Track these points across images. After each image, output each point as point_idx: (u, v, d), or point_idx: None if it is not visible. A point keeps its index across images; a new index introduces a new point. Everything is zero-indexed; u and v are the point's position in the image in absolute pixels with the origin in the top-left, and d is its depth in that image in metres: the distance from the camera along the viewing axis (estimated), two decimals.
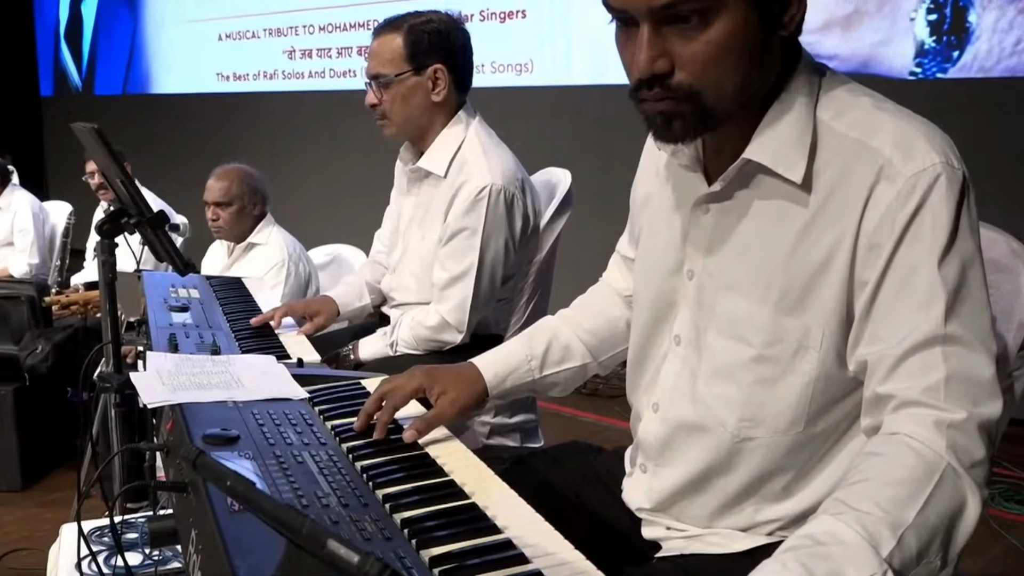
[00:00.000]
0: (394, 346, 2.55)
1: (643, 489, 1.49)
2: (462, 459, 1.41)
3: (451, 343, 2.52)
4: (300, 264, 3.57)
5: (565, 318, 1.73)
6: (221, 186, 3.60)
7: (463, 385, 1.59)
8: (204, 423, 1.43)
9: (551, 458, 1.70)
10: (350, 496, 1.23)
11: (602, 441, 1.79)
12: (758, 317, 1.30)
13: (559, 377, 1.69)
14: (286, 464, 1.31)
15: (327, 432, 1.48)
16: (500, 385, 1.64)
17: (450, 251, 2.48)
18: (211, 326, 2.28)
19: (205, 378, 1.68)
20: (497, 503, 1.24)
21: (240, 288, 2.79)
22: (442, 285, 2.50)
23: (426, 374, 1.58)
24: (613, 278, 1.75)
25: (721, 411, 1.36)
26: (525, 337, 1.70)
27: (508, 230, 2.48)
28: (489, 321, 2.63)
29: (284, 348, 2.16)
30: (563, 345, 1.69)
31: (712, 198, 1.35)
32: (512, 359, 1.66)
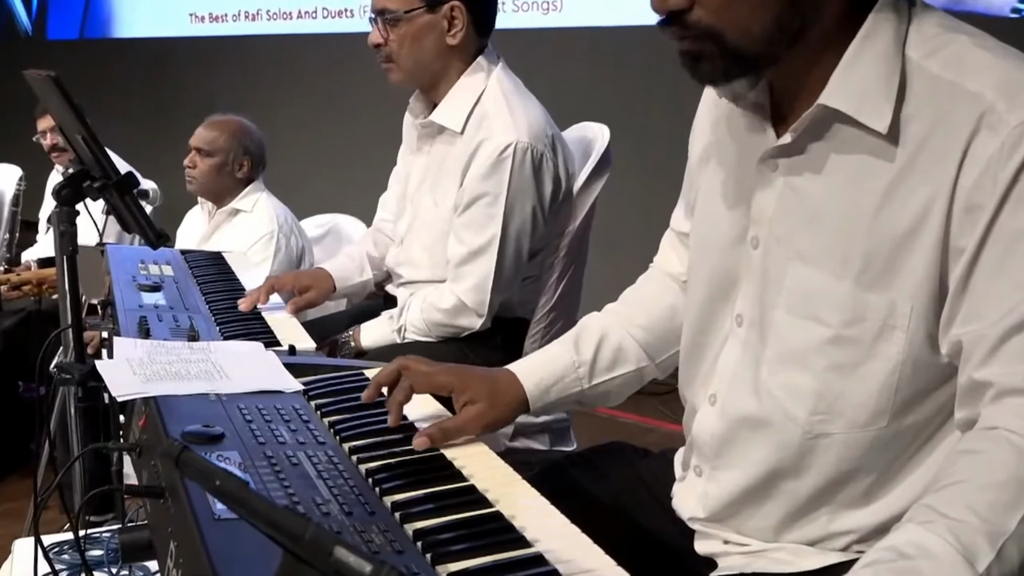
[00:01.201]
0: (402, 332, 2.56)
1: (697, 496, 1.49)
2: (484, 461, 1.42)
3: (469, 329, 2.53)
4: (292, 237, 3.59)
5: (614, 314, 1.73)
6: (209, 135, 3.64)
7: (497, 398, 1.59)
8: (183, 419, 1.44)
9: (588, 461, 1.70)
10: (354, 503, 1.24)
11: (644, 445, 1.80)
12: (835, 292, 1.30)
13: (611, 385, 1.69)
14: (279, 466, 1.32)
15: (325, 429, 1.49)
16: (543, 397, 1.65)
17: (468, 220, 2.49)
18: (187, 308, 2.30)
19: (183, 367, 1.70)
20: (525, 512, 1.25)
21: (221, 264, 2.82)
22: (458, 261, 2.51)
23: (458, 375, 1.59)
24: (667, 261, 1.74)
25: (790, 403, 1.36)
26: (569, 340, 1.70)
27: (536, 195, 2.49)
28: (513, 303, 2.63)
29: (273, 333, 2.18)
30: (614, 347, 1.69)
31: (781, 152, 1.35)
32: (556, 366, 1.67)
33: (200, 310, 2.30)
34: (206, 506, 1.14)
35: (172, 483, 1.21)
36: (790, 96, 1.35)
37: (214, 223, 3.69)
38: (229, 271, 2.75)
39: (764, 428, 1.39)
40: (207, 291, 2.48)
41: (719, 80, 1.32)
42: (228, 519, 1.12)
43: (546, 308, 2.68)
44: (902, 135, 1.25)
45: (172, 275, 2.59)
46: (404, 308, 2.58)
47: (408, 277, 2.67)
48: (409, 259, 2.66)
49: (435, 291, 2.55)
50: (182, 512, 1.15)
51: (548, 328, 2.67)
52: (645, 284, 1.77)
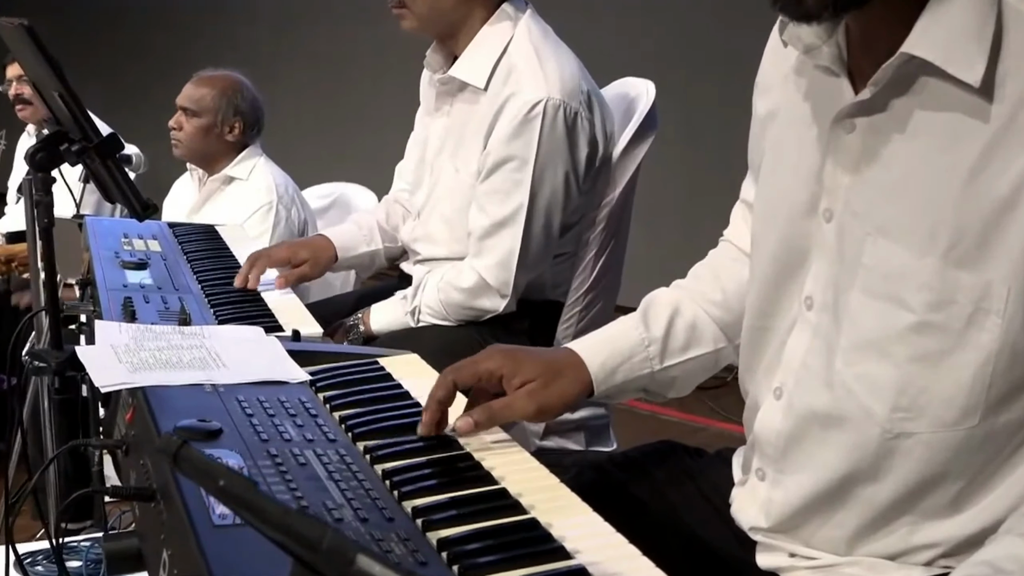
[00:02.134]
0: (416, 314, 2.57)
1: (759, 502, 1.49)
2: (517, 462, 1.42)
3: (491, 311, 2.53)
4: (293, 208, 3.61)
5: (684, 289, 1.73)
6: (196, 92, 3.65)
7: (554, 377, 1.58)
8: (175, 412, 1.44)
9: (634, 463, 1.70)
10: (370, 508, 1.24)
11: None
12: (920, 271, 1.29)
13: (684, 369, 1.68)
14: (284, 466, 1.32)
15: (336, 425, 1.50)
16: (609, 380, 1.64)
17: (491, 188, 2.49)
18: (177, 288, 2.31)
19: (174, 355, 1.70)
20: (565, 519, 1.24)
21: (214, 239, 2.83)
22: (481, 234, 2.51)
23: (508, 356, 1.57)
24: (739, 234, 1.74)
25: (867, 397, 1.35)
26: (636, 316, 1.70)
27: (569, 160, 2.48)
28: (544, 283, 2.64)
29: (274, 317, 2.19)
30: (688, 324, 1.68)
31: (859, 110, 1.34)
32: (623, 343, 1.66)
33: (191, 290, 2.32)
34: (203, 510, 1.14)
35: (165, 484, 1.22)
36: (870, 46, 1.34)
37: (205, 192, 3.70)
38: (223, 246, 2.76)
39: (837, 426, 1.38)
40: (199, 269, 2.49)
41: (825, 13, 1.27)
42: (228, 525, 1.12)
43: (582, 290, 2.69)
44: (998, 90, 1.24)
45: (159, 251, 2.61)
46: (419, 287, 2.59)
47: (425, 254, 2.68)
48: (427, 234, 2.67)
49: (454, 269, 2.56)
50: (176, 517, 1.15)
51: (584, 312, 2.68)
52: (718, 257, 1.77)
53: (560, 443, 2.66)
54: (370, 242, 2.85)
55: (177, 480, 1.18)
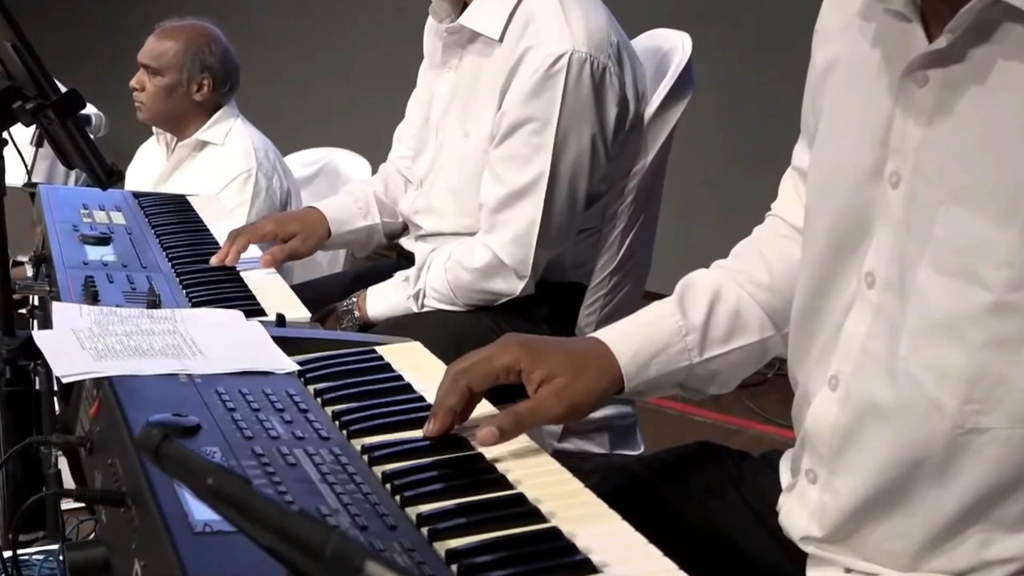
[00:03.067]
0: (420, 298, 2.58)
1: (811, 509, 1.49)
2: (534, 464, 1.42)
3: (507, 295, 2.54)
4: (275, 177, 3.61)
5: (726, 271, 1.73)
6: (158, 47, 3.65)
7: (580, 372, 1.57)
8: (146, 406, 1.45)
9: (667, 466, 1.71)
10: (369, 515, 1.25)
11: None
12: (1000, 245, 1.29)
13: (726, 362, 1.67)
14: (272, 467, 1.33)
15: (328, 421, 1.51)
16: (642, 373, 1.63)
17: (508, 153, 2.50)
18: (144, 266, 2.32)
19: (144, 341, 1.71)
20: (591, 528, 1.25)
21: (185, 211, 2.84)
22: (495, 205, 2.51)
23: (526, 348, 1.56)
24: (790, 208, 1.73)
25: (936, 387, 1.35)
26: (672, 301, 1.69)
27: (596, 121, 2.49)
28: (565, 263, 2.64)
29: (255, 299, 2.20)
30: (731, 310, 1.68)
31: (933, 61, 1.34)
32: (658, 332, 1.65)
33: (160, 268, 2.33)
34: (181, 515, 1.15)
35: (137, 486, 1.23)
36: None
37: (175, 159, 3.71)
38: (196, 219, 2.77)
39: (901, 419, 1.38)
40: (169, 244, 2.50)
41: None
42: (209, 532, 1.13)
43: (607, 270, 2.69)
44: None
45: (124, 224, 2.61)
46: (423, 267, 2.60)
47: (429, 228, 2.68)
48: (430, 205, 2.67)
49: (463, 246, 2.56)
50: (150, 523, 1.16)
51: (609, 297, 2.68)
52: (764, 234, 1.76)
53: (580, 445, 2.67)
54: (367, 216, 2.85)
55: (151, 481, 1.20)
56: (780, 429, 4.39)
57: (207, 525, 1.14)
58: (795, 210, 1.68)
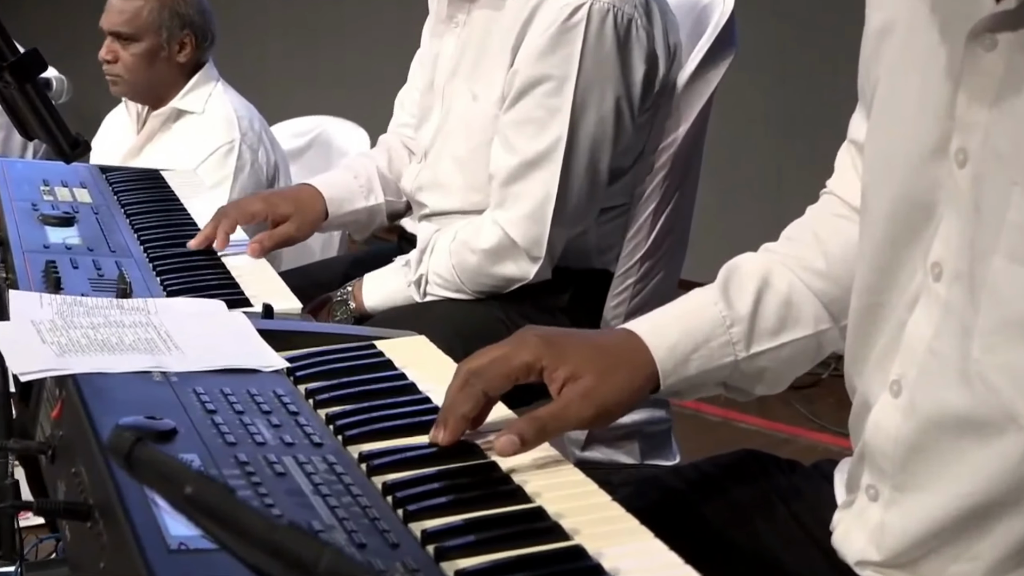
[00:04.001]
0: (422, 285, 2.58)
1: (870, 529, 1.49)
2: (555, 474, 1.43)
3: (520, 280, 2.54)
4: (261, 149, 3.62)
5: (776, 255, 1.72)
6: (127, 6, 3.63)
7: (611, 368, 1.56)
8: (115, 407, 1.46)
9: (706, 477, 1.71)
10: (368, 531, 1.25)
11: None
12: None
13: (777, 357, 1.67)
14: (257, 476, 1.34)
15: (322, 425, 1.52)
16: (680, 370, 1.62)
17: (520, 117, 2.51)
18: (113, 249, 2.33)
19: (113, 334, 1.72)
20: (619, 547, 1.25)
21: (159, 187, 2.84)
22: (506, 177, 2.52)
23: (546, 343, 1.55)
24: (846, 184, 1.73)
25: (1012, 393, 1.35)
26: (715, 288, 1.69)
27: (621, 81, 2.49)
28: (588, 246, 2.64)
29: (238, 287, 2.21)
30: (782, 298, 1.67)
31: (1002, 23, 1.34)
32: (698, 323, 1.65)
33: (131, 252, 2.33)
34: (155, 530, 1.16)
35: (105, 497, 1.23)
36: None
37: (147, 131, 3.71)
38: (171, 196, 2.78)
39: (974, 431, 1.38)
40: (141, 226, 2.51)
41: None
42: (188, 550, 1.14)
43: (637, 256, 2.68)
44: None
45: (90, 202, 2.62)
46: (426, 250, 2.60)
47: (434, 206, 2.69)
48: (436, 180, 2.68)
49: (470, 225, 2.57)
50: (120, 540, 1.17)
51: (639, 285, 2.68)
52: (819, 214, 1.76)
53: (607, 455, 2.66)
54: (368, 195, 2.85)
55: (121, 492, 1.20)
56: (836, 438, 4.37)
57: (184, 543, 1.14)
58: (853, 188, 1.68)
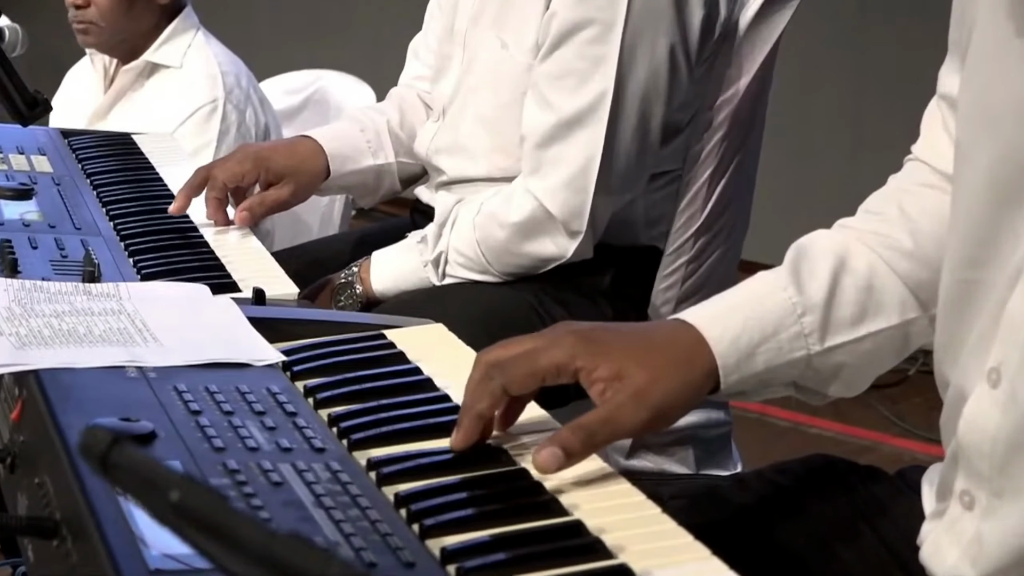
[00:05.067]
0: (440, 265, 2.58)
1: (964, 541, 1.49)
2: (595, 483, 1.43)
3: (557, 259, 2.55)
4: (248, 109, 3.64)
5: (854, 232, 1.71)
6: None
7: (662, 365, 1.54)
8: (84, 408, 1.47)
9: (774, 487, 1.72)
10: (379, 549, 1.26)
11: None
12: None
13: (857, 351, 1.65)
14: (250, 487, 1.35)
15: (323, 428, 1.53)
16: (745, 366, 1.60)
17: (558, 69, 2.51)
18: (78, 226, 2.34)
19: (80, 323, 1.73)
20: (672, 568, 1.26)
21: (131, 153, 2.86)
22: (541, 139, 2.52)
23: (584, 340, 1.53)
24: (936, 149, 1.72)
25: None
26: (783, 271, 1.66)
27: (675, 27, 2.50)
28: (635, 218, 2.65)
29: (223, 269, 2.22)
30: (863, 282, 1.65)
31: None
32: (765, 311, 1.62)
33: (99, 229, 2.35)
34: (132, 547, 1.17)
35: (74, 510, 1.24)
36: None
37: (117, 89, 3.72)
38: (145, 164, 2.80)
39: None
40: (110, 199, 2.52)
41: None
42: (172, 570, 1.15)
43: (691, 230, 2.68)
44: None
45: (50, 171, 2.63)
46: (445, 224, 2.61)
47: (454, 173, 2.70)
48: (456, 142, 2.69)
49: (499, 195, 2.57)
50: (92, 559, 1.17)
51: (695, 264, 2.68)
52: (904, 185, 1.75)
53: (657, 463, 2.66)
54: (377, 153, 2.84)
55: (93, 504, 1.22)
56: (925, 445, 4.35)
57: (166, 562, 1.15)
58: (944, 152, 1.67)
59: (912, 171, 1.77)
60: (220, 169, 2.55)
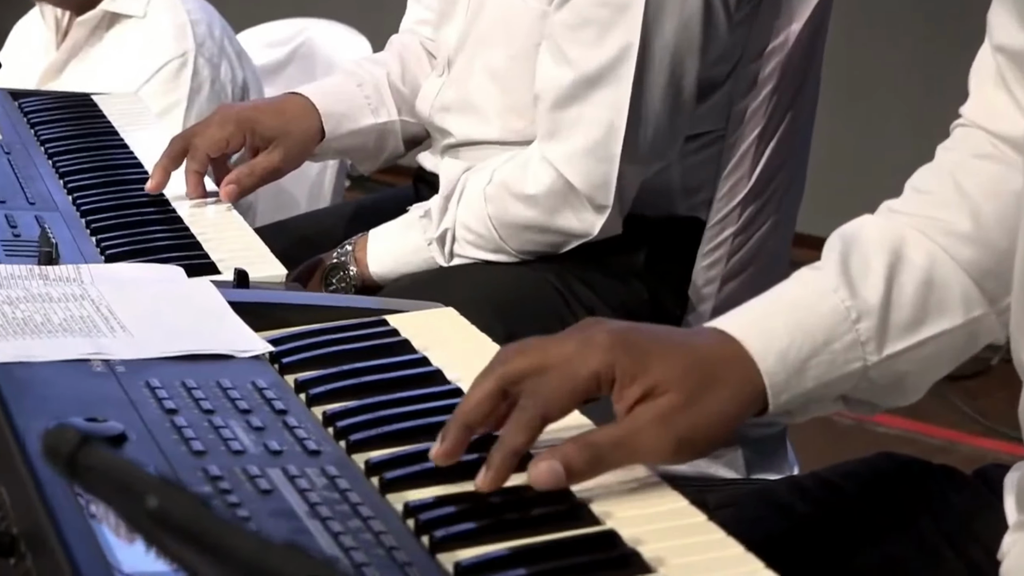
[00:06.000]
0: (447, 243, 2.58)
1: None
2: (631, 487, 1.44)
3: (581, 236, 2.57)
4: (224, 64, 3.64)
5: (905, 217, 1.69)
6: None
7: (704, 384, 1.49)
8: (43, 407, 1.49)
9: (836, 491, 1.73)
10: (383, 564, 1.27)
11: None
12: None
13: (917, 358, 1.62)
14: (234, 496, 1.36)
15: (318, 427, 1.53)
16: (795, 383, 1.55)
17: (577, 18, 2.52)
18: (32, 201, 2.36)
19: (37, 311, 1.74)
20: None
21: (90, 116, 2.89)
22: (557, 99, 2.53)
23: (622, 343, 1.47)
24: (994, 109, 1.71)
25: None
26: (831, 266, 1.62)
27: None
28: (671, 185, 2.66)
29: (200, 248, 2.24)
30: (922, 278, 1.62)
31: None
32: (815, 318, 1.57)
33: (56, 204, 2.36)
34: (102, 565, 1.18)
35: (34, 524, 1.25)
36: None
37: (71, 43, 3.71)
38: (108, 128, 2.82)
39: None
40: (68, 168, 2.54)
41: None
42: None
43: (737, 197, 2.68)
44: None
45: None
46: (452, 196, 2.62)
47: (461, 135, 2.71)
48: (463, 99, 2.70)
49: (512, 161, 2.58)
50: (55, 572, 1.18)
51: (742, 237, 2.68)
52: (958, 158, 1.74)
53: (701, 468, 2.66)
54: (378, 110, 2.85)
55: (55, 515, 1.23)
56: (1011, 444, 4.34)
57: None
58: (1004, 112, 1.67)
59: (965, 139, 1.75)
60: (201, 137, 2.55)
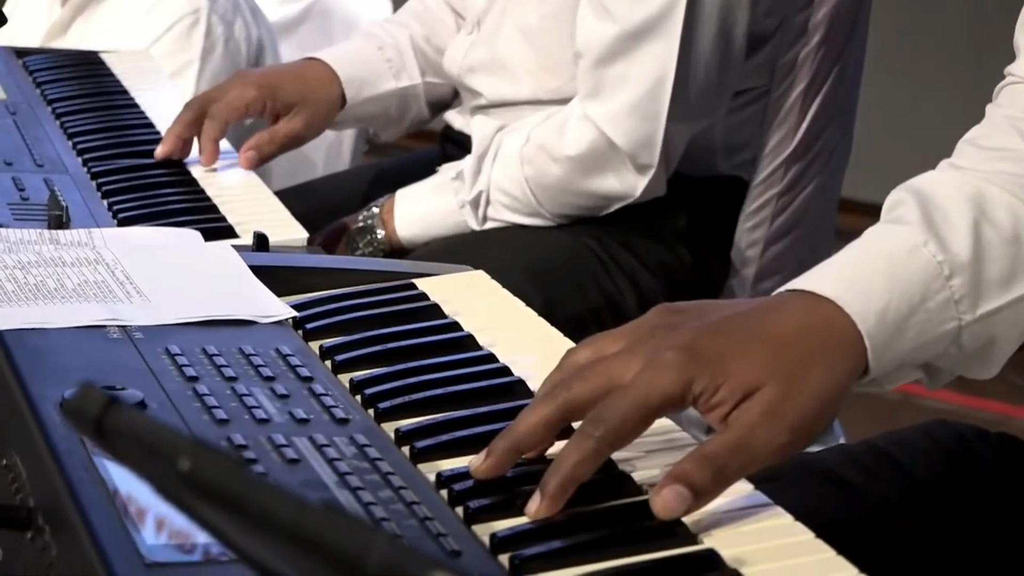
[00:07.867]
0: (480, 207, 2.58)
1: None
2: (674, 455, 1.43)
3: (623, 197, 2.57)
4: (238, 21, 3.65)
5: (978, 172, 1.66)
6: None
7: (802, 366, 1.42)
8: (58, 375, 1.49)
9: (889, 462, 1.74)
10: (416, 534, 1.27)
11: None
12: None
13: (1007, 320, 1.57)
14: (260, 465, 1.36)
15: (345, 395, 1.54)
16: (893, 346, 1.49)
17: None
18: (40, 163, 2.36)
19: (49, 276, 1.75)
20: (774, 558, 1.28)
21: (99, 75, 2.89)
22: (600, 55, 2.53)
23: (694, 354, 1.39)
24: None
25: None
26: (914, 220, 1.56)
27: None
28: (713, 144, 2.65)
29: (218, 211, 2.25)
30: (1009, 233, 1.57)
31: None
32: (908, 273, 1.51)
33: (65, 166, 2.37)
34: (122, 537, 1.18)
35: (52, 496, 1.26)
36: None
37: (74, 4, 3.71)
38: (117, 88, 2.82)
39: None
40: (76, 129, 2.55)
41: None
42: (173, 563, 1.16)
43: (781, 156, 2.68)
44: None
45: (3, 99, 2.65)
46: (485, 156, 2.62)
47: (493, 95, 2.71)
48: (495, 57, 2.70)
49: (550, 120, 2.58)
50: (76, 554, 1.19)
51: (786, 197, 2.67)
52: (1014, 113, 1.72)
53: None
54: (400, 74, 2.83)
55: (74, 488, 1.24)
56: None
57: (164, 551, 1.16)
58: None
59: (1016, 98, 1.73)
60: (220, 103, 2.54)
